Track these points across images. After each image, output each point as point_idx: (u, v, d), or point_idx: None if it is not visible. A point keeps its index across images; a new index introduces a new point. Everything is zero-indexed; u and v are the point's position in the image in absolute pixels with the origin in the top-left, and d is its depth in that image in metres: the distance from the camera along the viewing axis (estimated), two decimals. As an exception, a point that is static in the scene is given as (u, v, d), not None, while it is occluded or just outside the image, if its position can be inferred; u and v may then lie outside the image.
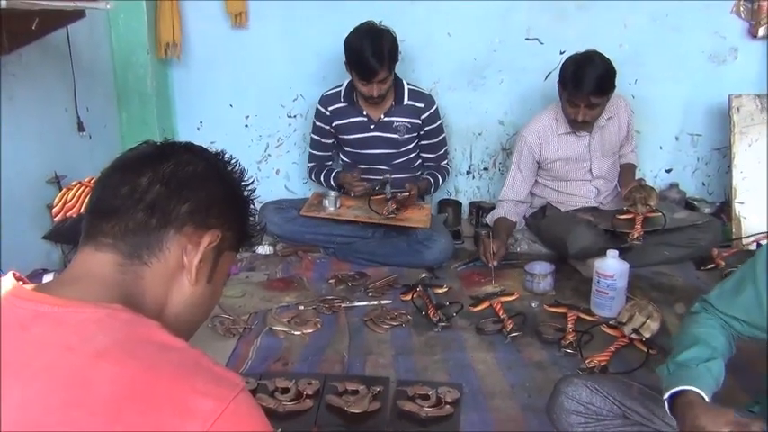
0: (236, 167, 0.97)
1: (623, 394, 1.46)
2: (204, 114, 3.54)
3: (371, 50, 2.81)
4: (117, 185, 0.86)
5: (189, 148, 0.93)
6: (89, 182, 2.55)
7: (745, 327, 1.36)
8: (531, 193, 3.12)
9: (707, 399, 1.21)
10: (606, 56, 2.76)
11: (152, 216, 0.85)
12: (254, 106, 3.54)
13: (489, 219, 3.11)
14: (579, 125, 2.87)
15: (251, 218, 0.99)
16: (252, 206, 0.99)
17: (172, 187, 0.86)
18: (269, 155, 3.62)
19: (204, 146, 0.96)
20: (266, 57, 3.43)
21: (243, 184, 0.97)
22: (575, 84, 2.72)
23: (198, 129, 3.54)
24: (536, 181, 3.09)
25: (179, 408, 0.70)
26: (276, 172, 3.65)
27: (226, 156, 0.97)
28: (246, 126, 3.56)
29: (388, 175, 3.08)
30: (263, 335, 2.35)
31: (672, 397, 1.25)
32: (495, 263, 2.77)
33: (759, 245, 3.04)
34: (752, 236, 3.12)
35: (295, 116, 3.55)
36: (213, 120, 3.53)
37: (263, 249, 3.12)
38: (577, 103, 2.76)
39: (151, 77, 3.25)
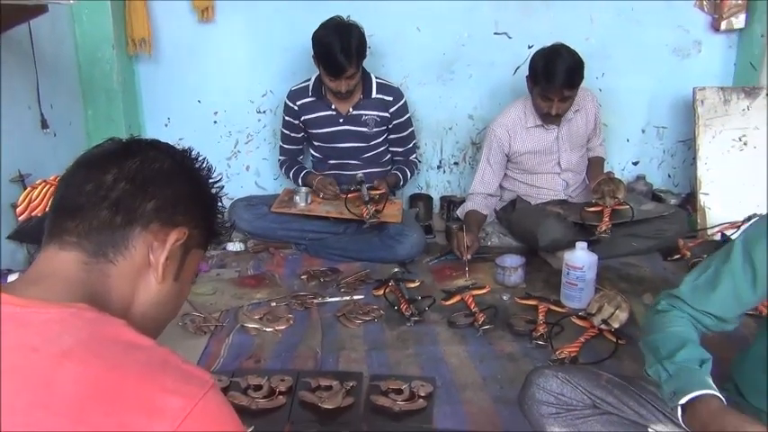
0: (204, 165, 0.97)
1: (593, 384, 1.48)
2: (172, 110, 3.49)
3: (340, 47, 2.80)
4: (81, 183, 0.85)
5: (155, 145, 0.93)
6: (54, 180, 2.50)
7: (716, 322, 1.35)
8: (501, 187, 3.15)
9: (725, 403, 1.18)
10: (572, 48, 2.79)
11: (117, 213, 0.84)
12: (222, 102, 3.50)
13: (460, 212, 3.13)
14: (551, 118, 2.90)
15: (219, 215, 0.99)
16: (220, 203, 0.99)
17: (137, 184, 0.85)
18: (238, 151, 3.59)
19: (172, 142, 0.95)
20: (234, 52, 3.40)
21: (210, 181, 0.97)
22: (548, 78, 2.74)
23: (166, 125, 3.50)
24: (505, 174, 3.12)
25: (146, 407, 0.69)
26: (246, 168, 3.62)
27: (193, 153, 0.96)
28: (215, 122, 3.53)
29: (361, 175, 3.07)
30: (235, 332, 2.34)
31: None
32: (469, 256, 2.79)
33: (723, 235, 3.11)
34: (716, 226, 3.18)
35: (264, 112, 3.53)
36: (181, 116, 3.49)
37: (234, 246, 3.10)
38: (551, 96, 2.80)
39: (117, 73, 3.20)
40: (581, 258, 2.49)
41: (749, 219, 3.13)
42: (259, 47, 3.39)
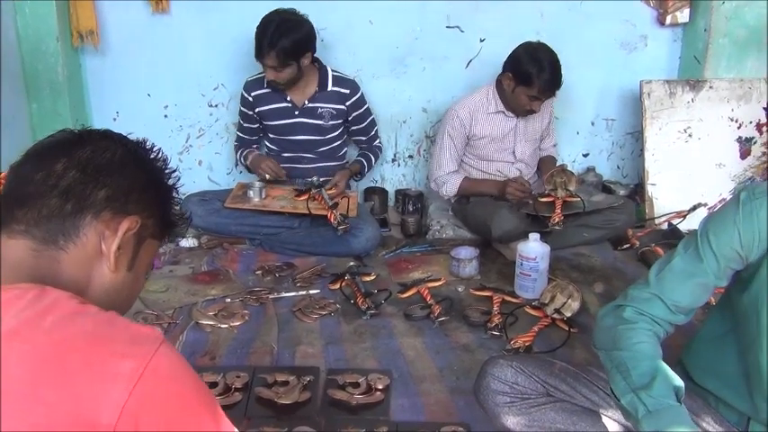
0: (159, 155, 0.97)
1: (546, 373, 1.51)
2: (120, 104, 3.41)
3: (272, 30, 2.81)
4: (31, 172, 0.85)
5: (107, 134, 0.93)
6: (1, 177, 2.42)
7: (680, 317, 1.36)
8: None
9: None
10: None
11: (67, 201, 0.84)
12: (173, 95, 3.44)
13: (451, 190, 3.09)
14: (527, 111, 2.98)
15: (175, 207, 0.99)
16: (175, 195, 0.99)
17: (88, 173, 0.85)
18: (190, 145, 3.53)
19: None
20: (186, 44, 3.34)
21: (166, 172, 0.96)
22: (547, 85, 2.86)
23: (114, 119, 3.42)
24: (461, 162, 3.15)
25: (98, 374, 0.70)
26: (198, 163, 3.57)
27: (147, 144, 0.96)
28: (166, 116, 3.46)
29: (317, 178, 3.05)
30: (189, 329, 2.31)
31: None
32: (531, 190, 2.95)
33: (670, 224, 3.19)
34: (663, 216, 3.27)
35: (216, 105, 3.48)
36: (130, 110, 3.41)
37: (187, 242, 3.05)
38: (541, 97, 2.91)
39: (62, 66, 3.11)
40: (534, 249, 2.53)
41: (694, 208, 3.24)
42: (211, 39, 3.34)
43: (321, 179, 3.05)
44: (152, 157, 0.95)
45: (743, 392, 1.36)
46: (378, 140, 3.36)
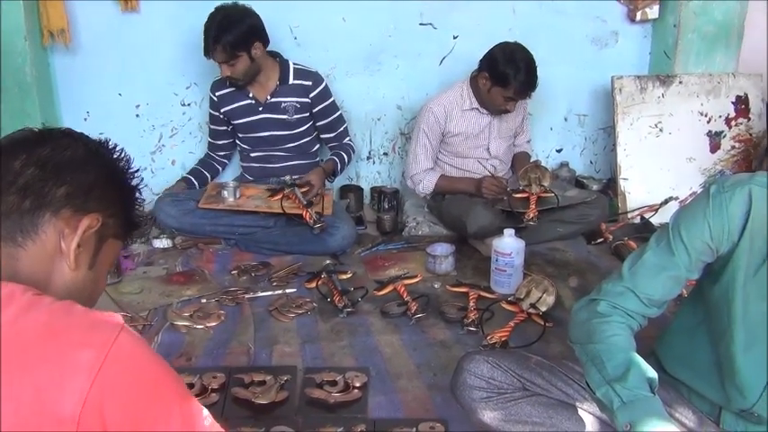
0: (122, 155, 0.96)
1: (522, 367, 1.52)
2: (91, 104, 3.36)
3: (215, 26, 2.81)
4: None
5: (69, 133, 0.92)
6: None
7: (653, 309, 1.38)
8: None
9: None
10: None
11: (25, 198, 0.83)
12: (145, 95, 3.39)
13: (427, 188, 3.09)
14: (502, 111, 3.00)
15: (138, 207, 0.98)
16: (138, 195, 0.99)
17: (48, 170, 0.85)
18: (163, 145, 3.50)
19: (92, 137, 0.94)
20: (157, 43, 3.30)
21: (129, 172, 0.96)
22: (523, 87, 2.87)
23: (85, 119, 3.37)
24: (436, 159, 3.16)
25: (58, 366, 0.69)
26: (172, 162, 3.53)
27: (110, 144, 0.96)
28: (138, 116, 3.42)
29: (289, 177, 3.04)
30: (164, 331, 2.29)
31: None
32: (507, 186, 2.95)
33: (643, 218, 3.24)
34: (636, 210, 3.31)
35: (189, 104, 3.44)
36: (101, 109, 3.37)
37: (161, 243, 3.02)
38: (517, 98, 2.93)
39: (30, 66, 3.05)
40: (509, 245, 2.55)
41: (666, 202, 3.28)
42: (183, 38, 3.30)
43: (294, 177, 3.03)
44: (115, 156, 0.95)
45: (715, 382, 1.38)
46: (348, 138, 3.32)
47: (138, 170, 0.98)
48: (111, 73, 3.32)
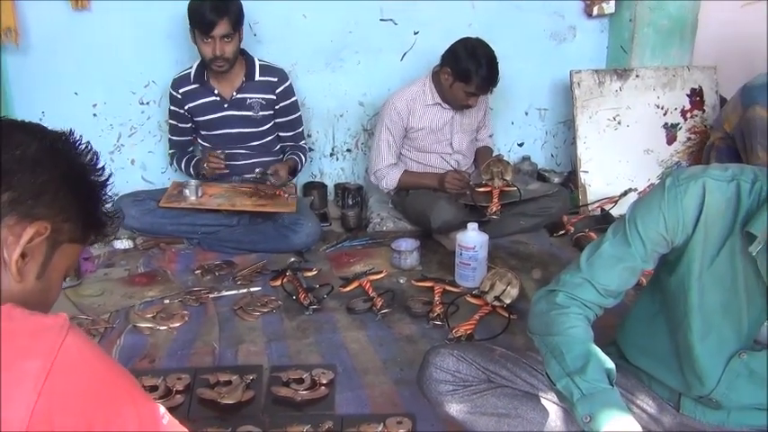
0: (85, 149, 0.89)
1: (487, 359, 1.53)
2: (46, 104, 3.28)
3: (204, 5, 2.76)
4: None
5: (23, 126, 0.85)
6: None
7: (609, 300, 1.40)
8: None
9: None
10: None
11: None
12: (102, 94, 3.33)
13: (391, 183, 3.10)
14: (464, 106, 3.01)
15: (103, 205, 0.91)
16: (104, 192, 0.92)
17: None
18: (122, 144, 3.44)
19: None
20: (113, 41, 3.23)
21: (93, 167, 0.89)
22: (485, 82, 2.88)
23: (40, 119, 3.23)
24: (399, 154, 3.17)
25: (4, 379, 0.65)
26: (131, 162, 3.47)
27: (72, 137, 0.88)
28: (95, 115, 3.35)
29: (260, 169, 3.03)
30: (127, 333, 2.25)
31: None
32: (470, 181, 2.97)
33: (603, 210, 3.29)
34: (596, 202, 3.36)
35: (148, 103, 3.39)
36: (57, 109, 3.28)
37: (122, 244, 2.97)
38: (479, 93, 2.94)
39: (-20, 66, 2.98)
40: (473, 239, 2.57)
41: (625, 193, 3.35)
42: (139, 35, 3.25)
43: (262, 170, 3.03)
44: (76, 151, 0.87)
45: (674, 370, 1.41)
46: (304, 141, 3.29)
47: (104, 165, 0.91)
48: (67, 72, 3.25)
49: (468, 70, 2.85)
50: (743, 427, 1.40)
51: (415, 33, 3.45)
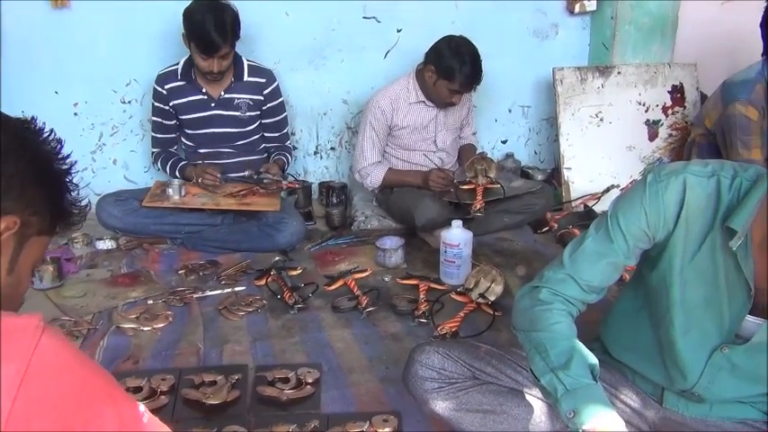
0: (50, 137, 0.88)
1: (472, 356, 1.53)
2: (26, 102, 3.20)
3: (214, 23, 2.71)
4: None
5: None
6: None
7: (592, 296, 1.40)
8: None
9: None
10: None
11: None
12: (83, 93, 3.30)
13: (375, 182, 3.10)
14: (447, 104, 3.01)
15: (68, 194, 0.90)
16: (69, 179, 0.90)
17: None
18: (104, 144, 3.41)
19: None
20: (93, 39, 3.20)
21: (57, 156, 0.87)
22: (468, 80, 2.89)
23: (20, 119, 3.25)
24: (384, 152, 3.17)
25: None
26: (113, 162, 3.45)
27: (35, 125, 0.87)
28: (76, 114, 3.32)
29: (249, 172, 3.01)
30: (110, 334, 2.23)
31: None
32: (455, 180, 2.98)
33: (586, 206, 3.31)
34: (579, 198, 3.39)
35: (129, 102, 3.36)
36: (37, 108, 3.13)
37: (105, 244, 2.95)
38: (462, 91, 2.95)
39: (-41, 64, 2.94)
40: (457, 236, 2.57)
41: (608, 189, 3.37)
42: (121, 33, 3.22)
43: (252, 172, 3.01)
44: (40, 141, 0.86)
45: (657, 365, 1.42)
46: (289, 141, 3.28)
47: (69, 155, 0.90)
48: (47, 71, 3.21)
49: (452, 68, 2.86)
50: (725, 421, 1.42)
51: (398, 31, 3.45)
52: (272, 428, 1.72)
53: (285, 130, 3.23)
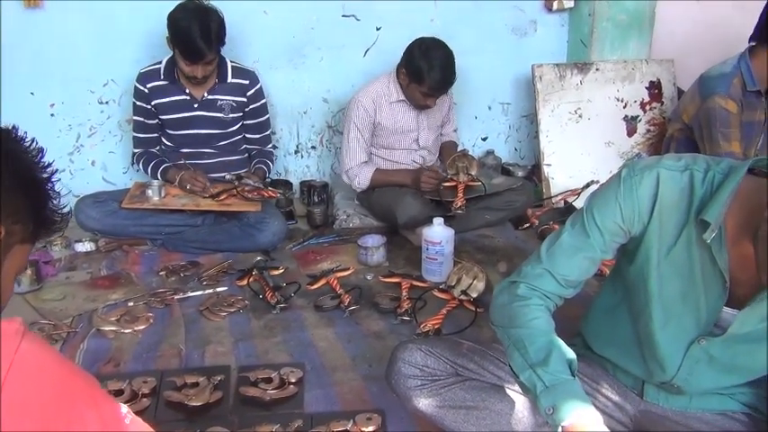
0: (30, 146, 0.87)
1: (455, 353, 1.54)
2: (1, 104, 3.20)
3: (200, 31, 2.67)
4: None
5: None
6: None
7: (569, 290, 1.41)
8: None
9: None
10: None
11: None
12: (59, 93, 3.26)
13: (363, 183, 3.07)
14: (422, 106, 3.00)
15: (50, 202, 0.90)
16: (51, 187, 0.90)
17: None
18: (81, 145, 3.37)
19: None
20: (69, 39, 3.17)
21: (39, 165, 0.87)
22: (438, 84, 2.87)
23: (-5, 121, 3.21)
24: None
25: None
26: (92, 163, 3.41)
27: (15, 134, 0.86)
28: (53, 115, 3.28)
29: (230, 176, 2.98)
30: (90, 337, 2.21)
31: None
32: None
33: (566, 202, 3.33)
34: (559, 194, 3.41)
35: (107, 102, 3.33)
36: (12, 110, 3.19)
37: (84, 246, 2.92)
38: (435, 94, 2.93)
39: (-68, 66, 2.89)
40: (439, 233, 2.58)
41: (587, 185, 3.39)
42: (97, 33, 3.18)
43: (233, 176, 2.98)
44: (20, 150, 0.85)
45: (637, 358, 1.44)
46: (270, 145, 3.26)
47: (51, 163, 0.89)
48: (21, 72, 3.17)
49: (421, 71, 2.84)
50: (705, 412, 1.44)
51: (378, 29, 3.45)
52: (255, 429, 1.72)
53: (267, 132, 3.21)
